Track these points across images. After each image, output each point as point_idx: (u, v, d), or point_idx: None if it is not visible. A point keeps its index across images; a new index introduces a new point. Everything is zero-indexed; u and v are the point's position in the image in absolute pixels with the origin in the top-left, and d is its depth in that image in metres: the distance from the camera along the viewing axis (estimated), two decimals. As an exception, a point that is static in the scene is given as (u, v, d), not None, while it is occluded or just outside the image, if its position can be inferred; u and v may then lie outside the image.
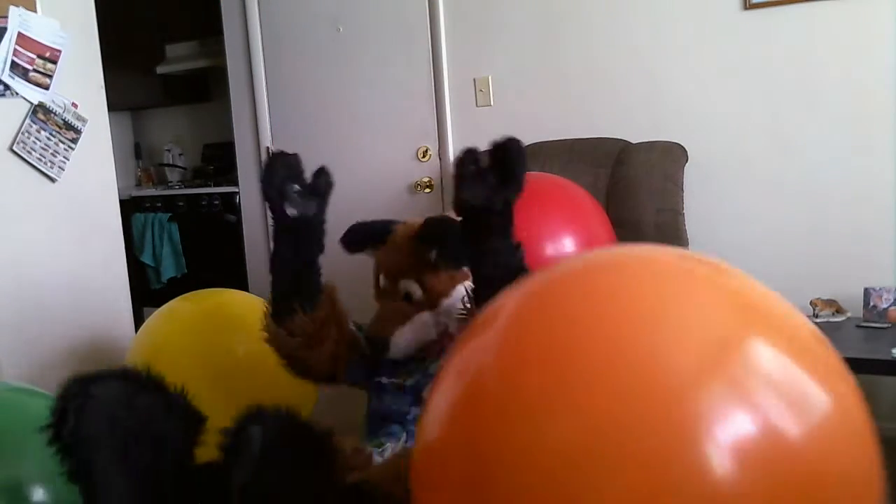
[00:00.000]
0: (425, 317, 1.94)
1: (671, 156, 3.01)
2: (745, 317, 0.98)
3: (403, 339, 1.92)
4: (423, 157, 3.69)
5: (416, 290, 1.94)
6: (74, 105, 3.27)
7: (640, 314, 0.95)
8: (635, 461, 0.84)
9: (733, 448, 0.85)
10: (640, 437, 0.85)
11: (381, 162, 3.80)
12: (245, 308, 2.80)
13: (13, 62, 3.09)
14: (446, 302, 1.94)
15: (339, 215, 4.01)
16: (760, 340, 0.94)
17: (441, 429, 1.04)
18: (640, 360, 0.90)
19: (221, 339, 2.65)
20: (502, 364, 1.00)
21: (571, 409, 0.89)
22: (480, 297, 1.70)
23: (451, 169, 3.64)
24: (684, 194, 2.99)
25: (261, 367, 2.62)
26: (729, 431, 0.85)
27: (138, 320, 3.32)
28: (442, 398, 1.07)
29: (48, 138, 3.20)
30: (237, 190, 4.38)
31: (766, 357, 0.92)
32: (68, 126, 3.25)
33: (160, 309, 2.79)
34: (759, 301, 1.04)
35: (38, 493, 1.70)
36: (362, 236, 2.09)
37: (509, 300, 1.09)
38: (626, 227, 2.96)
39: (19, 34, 3.09)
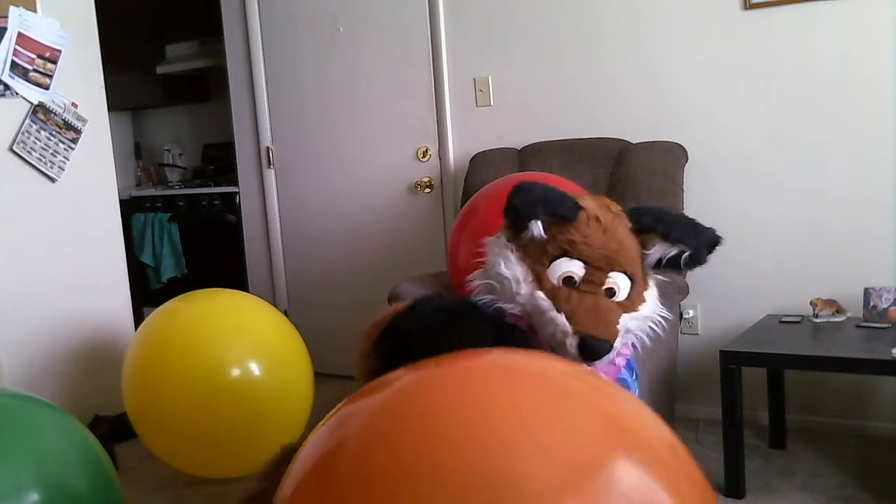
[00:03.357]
0: (631, 323, 1.67)
1: (671, 156, 3.01)
2: (610, 437, 1.01)
3: (619, 345, 1.63)
4: (423, 157, 3.69)
5: (626, 289, 1.64)
6: (74, 105, 3.27)
7: (508, 433, 0.95)
8: None
9: None
10: None
11: (381, 162, 3.81)
12: (243, 309, 2.80)
13: (13, 62, 3.09)
14: (644, 308, 1.69)
15: (339, 215, 4.04)
16: (621, 461, 0.98)
17: (298, 484, 1.05)
18: (502, 482, 0.90)
19: (219, 339, 2.65)
20: (363, 446, 0.99)
21: None
22: None
23: (451, 169, 3.65)
24: (684, 194, 2.99)
25: (258, 367, 2.63)
26: None
27: (138, 320, 3.32)
28: (307, 454, 1.07)
29: (48, 138, 3.20)
30: (237, 190, 4.38)
31: (625, 477, 0.96)
32: (68, 126, 3.25)
33: (159, 309, 2.79)
34: (626, 420, 1.07)
35: (33, 500, 1.69)
36: (546, 206, 1.61)
37: (389, 388, 1.09)
38: (626, 227, 2.95)
39: (19, 34, 3.09)
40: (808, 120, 2.94)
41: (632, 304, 1.65)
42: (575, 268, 1.60)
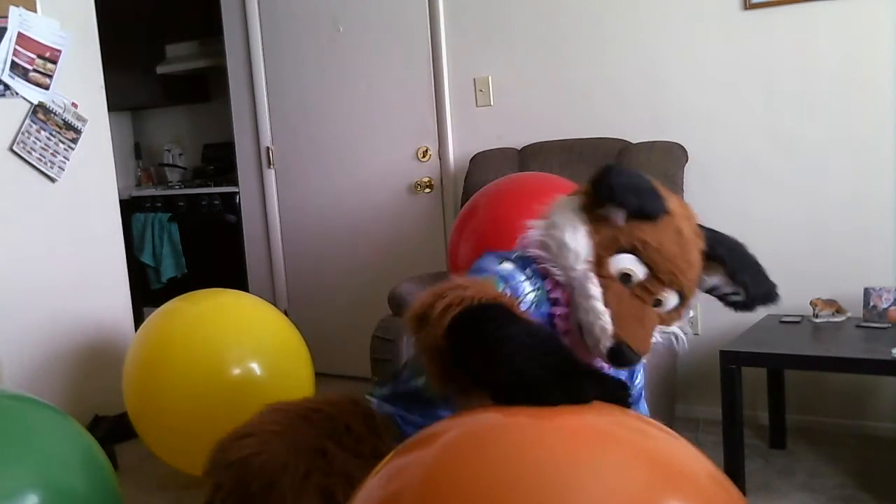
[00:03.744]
0: (658, 335, 1.62)
1: (671, 156, 3.01)
2: (654, 479, 1.04)
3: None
4: (423, 157, 3.69)
5: (672, 306, 1.59)
6: (74, 105, 3.27)
7: (556, 479, 0.99)
8: None
9: None
10: None
11: (381, 162, 3.81)
12: (243, 309, 2.80)
13: (13, 62, 3.09)
14: (675, 325, 1.63)
15: (339, 215, 4.04)
16: (670, 498, 1.02)
17: None
18: None
19: (220, 339, 2.65)
20: (422, 492, 1.02)
21: None
22: None
23: (451, 169, 3.65)
24: (684, 194, 2.99)
25: (259, 367, 2.63)
26: None
27: (138, 320, 3.32)
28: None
29: (48, 138, 3.20)
30: (237, 190, 4.38)
31: None
32: (68, 126, 3.25)
33: (159, 309, 2.79)
34: (669, 460, 1.10)
35: (34, 502, 1.69)
36: (637, 197, 1.52)
37: (439, 436, 1.13)
38: (626, 227, 2.95)
39: (19, 34, 3.09)
40: (808, 120, 2.94)
41: (670, 318, 1.61)
42: (638, 270, 1.54)
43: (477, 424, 1.16)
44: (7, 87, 3.07)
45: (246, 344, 2.65)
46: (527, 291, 1.59)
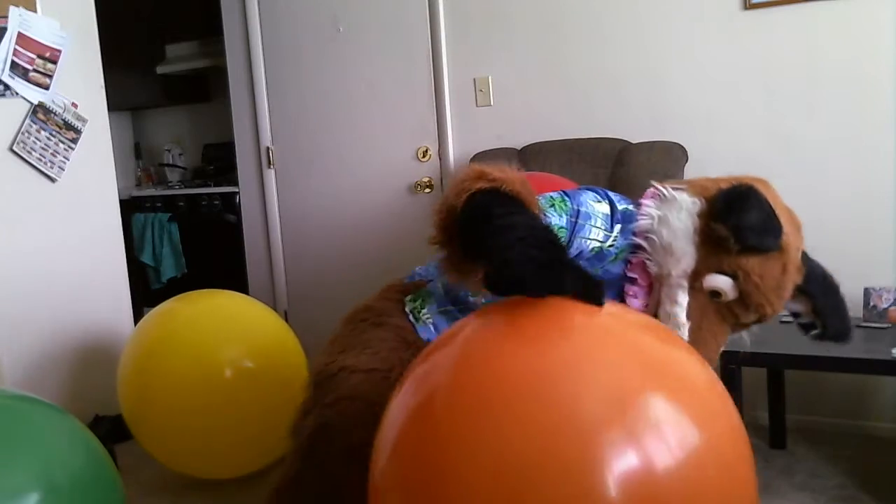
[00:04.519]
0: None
1: (671, 156, 3.01)
2: (646, 372, 1.21)
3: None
4: (423, 157, 3.69)
5: (750, 322, 1.62)
6: (74, 105, 3.27)
7: (562, 367, 1.18)
8: (550, 482, 1.09)
9: (621, 480, 1.09)
10: (554, 467, 1.10)
11: (381, 162, 3.81)
12: (239, 310, 2.80)
13: (13, 62, 3.09)
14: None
15: (340, 215, 4.03)
16: (655, 393, 1.18)
17: (399, 432, 1.27)
18: (560, 405, 1.14)
19: (214, 341, 2.64)
20: (451, 389, 1.24)
21: (501, 439, 1.13)
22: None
23: (451, 169, 3.65)
24: (684, 194, 2.98)
25: (254, 368, 2.63)
26: (620, 468, 1.10)
27: (138, 320, 3.31)
28: (400, 407, 1.29)
29: (48, 138, 3.20)
30: (237, 190, 4.38)
31: (658, 407, 1.16)
32: (68, 126, 3.25)
33: (155, 310, 2.79)
34: (661, 356, 1.27)
35: (37, 501, 1.69)
36: (759, 232, 1.54)
37: (458, 340, 1.32)
38: (627, 227, 2.95)
39: (19, 34, 3.09)
40: (808, 120, 2.94)
41: (740, 328, 1.65)
42: (731, 293, 1.56)
43: (492, 327, 1.32)
44: (7, 87, 3.07)
45: (241, 345, 2.65)
46: (591, 236, 1.62)
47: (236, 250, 4.43)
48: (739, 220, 1.50)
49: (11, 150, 3.11)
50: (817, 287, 1.65)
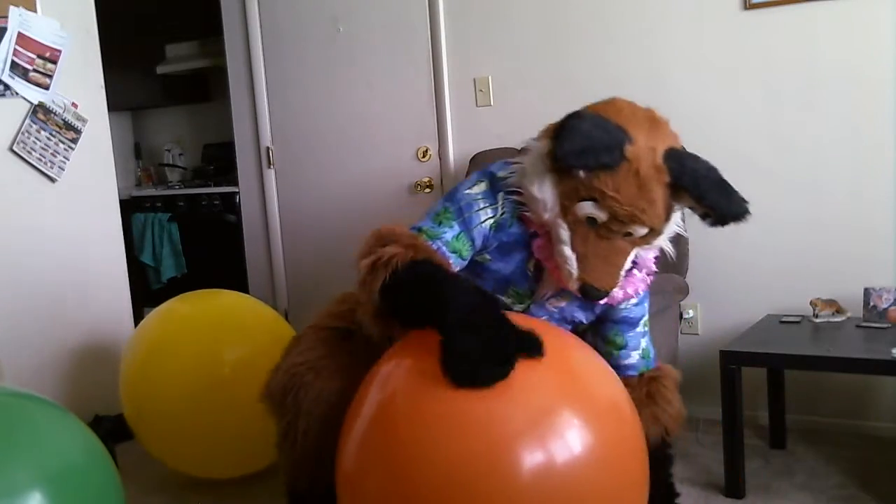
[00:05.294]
0: (642, 252, 1.82)
1: (671, 156, 3.01)
2: (561, 391, 1.57)
3: (620, 280, 1.77)
4: (423, 157, 3.69)
5: (643, 233, 1.71)
6: (74, 105, 3.27)
7: (498, 390, 1.49)
8: (483, 477, 1.45)
9: (533, 475, 1.46)
10: (486, 466, 1.45)
11: (381, 162, 3.81)
12: (240, 310, 2.80)
13: (13, 62, 3.09)
14: (659, 241, 1.79)
15: (340, 215, 4.03)
16: (566, 409, 1.53)
17: (365, 433, 1.59)
18: (494, 418, 1.48)
19: (215, 340, 2.64)
20: (411, 399, 1.58)
21: (451, 443, 1.48)
22: None
23: (451, 169, 3.65)
24: (684, 194, 2.98)
25: (253, 369, 2.62)
26: (533, 466, 1.46)
27: (138, 320, 3.31)
28: (366, 409, 1.61)
29: (48, 138, 3.20)
30: (237, 190, 4.38)
31: (566, 421, 1.51)
32: (68, 126, 3.25)
33: (156, 310, 2.79)
34: (576, 376, 1.63)
35: (37, 500, 1.69)
36: (590, 156, 1.63)
37: (418, 354, 1.61)
38: (626, 227, 2.96)
39: (19, 34, 3.09)
40: (808, 120, 2.93)
41: (646, 241, 1.72)
42: (600, 214, 1.64)
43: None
44: (7, 87, 3.07)
45: (242, 345, 2.64)
46: (483, 220, 1.78)
47: (236, 250, 4.43)
48: (560, 147, 1.61)
49: (11, 150, 3.11)
50: (689, 178, 1.68)
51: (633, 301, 1.91)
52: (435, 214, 1.81)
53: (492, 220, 1.78)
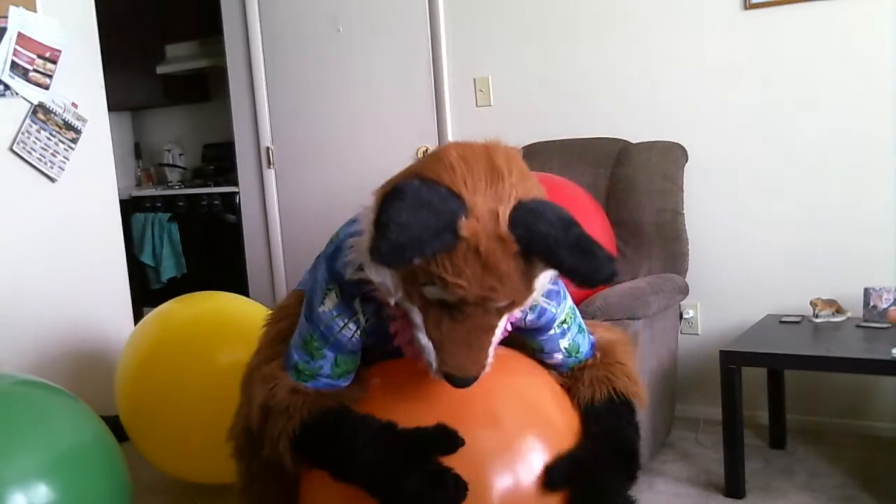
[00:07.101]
0: (510, 316, 1.54)
1: (671, 156, 3.01)
2: (522, 415, 1.65)
3: (492, 357, 1.52)
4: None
5: (505, 304, 1.46)
6: (74, 105, 3.27)
7: (471, 413, 1.59)
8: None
9: (499, 487, 1.56)
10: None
11: (381, 162, 3.80)
12: (237, 312, 2.78)
13: (13, 62, 3.09)
14: (528, 301, 1.50)
15: (339, 215, 4.02)
16: (528, 432, 1.61)
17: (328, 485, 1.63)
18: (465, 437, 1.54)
19: (214, 342, 2.63)
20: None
21: None
22: None
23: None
24: (684, 194, 2.99)
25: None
26: (496, 477, 1.56)
27: (138, 320, 3.31)
28: None
29: (48, 138, 3.20)
30: (237, 190, 4.38)
31: (528, 443, 1.60)
32: (68, 126, 3.25)
33: (153, 311, 2.78)
34: (532, 402, 1.70)
35: (47, 485, 1.73)
36: (416, 247, 1.34)
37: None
38: (626, 227, 2.96)
39: (19, 34, 3.09)
40: (808, 120, 2.93)
41: (512, 308, 1.49)
42: (448, 297, 1.40)
43: (416, 384, 1.66)
44: (7, 87, 3.07)
45: (240, 347, 2.63)
46: (350, 335, 1.62)
47: (236, 250, 4.43)
48: (376, 252, 1.33)
49: (11, 150, 3.11)
50: (540, 245, 1.38)
51: (531, 317, 1.68)
52: (303, 343, 1.65)
53: (358, 332, 1.61)
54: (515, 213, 1.40)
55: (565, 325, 1.74)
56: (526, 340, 1.75)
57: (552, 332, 1.73)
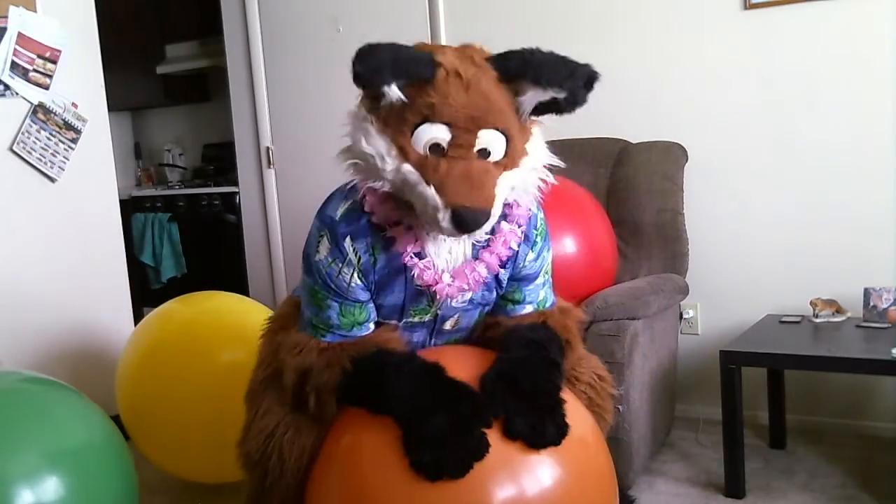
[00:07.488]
0: (513, 180, 1.54)
1: (671, 156, 3.01)
2: None
3: (498, 209, 1.51)
4: (423, 157, 3.69)
5: (501, 146, 1.51)
6: (74, 105, 3.27)
7: None
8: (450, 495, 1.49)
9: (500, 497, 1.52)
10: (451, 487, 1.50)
11: (381, 162, 3.80)
12: (237, 312, 2.78)
13: (13, 62, 3.09)
14: (526, 162, 1.57)
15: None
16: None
17: (335, 468, 1.66)
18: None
19: (214, 342, 2.63)
20: (375, 438, 1.62)
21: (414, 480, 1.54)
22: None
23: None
24: (684, 194, 2.99)
25: (250, 372, 2.61)
26: (499, 491, 1.52)
27: (138, 320, 3.31)
28: (335, 451, 1.68)
29: (48, 138, 3.20)
30: (237, 190, 4.38)
31: (537, 458, 1.56)
32: (68, 126, 3.25)
33: (154, 311, 2.78)
34: None
35: (57, 482, 1.74)
36: (395, 68, 1.44)
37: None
38: (626, 227, 2.96)
39: (19, 34, 3.09)
40: (808, 120, 2.94)
41: (511, 160, 1.52)
42: (440, 132, 1.46)
43: None
44: (7, 87, 3.07)
45: (240, 347, 2.63)
46: (349, 279, 1.65)
47: (236, 250, 4.43)
48: (362, 65, 1.41)
49: (11, 150, 3.11)
50: (516, 64, 1.50)
51: (531, 257, 1.72)
52: (311, 297, 1.70)
53: (355, 273, 1.64)
54: (486, 58, 1.53)
55: (547, 276, 1.80)
56: (511, 293, 1.77)
57: (538, 280, 1.77)
